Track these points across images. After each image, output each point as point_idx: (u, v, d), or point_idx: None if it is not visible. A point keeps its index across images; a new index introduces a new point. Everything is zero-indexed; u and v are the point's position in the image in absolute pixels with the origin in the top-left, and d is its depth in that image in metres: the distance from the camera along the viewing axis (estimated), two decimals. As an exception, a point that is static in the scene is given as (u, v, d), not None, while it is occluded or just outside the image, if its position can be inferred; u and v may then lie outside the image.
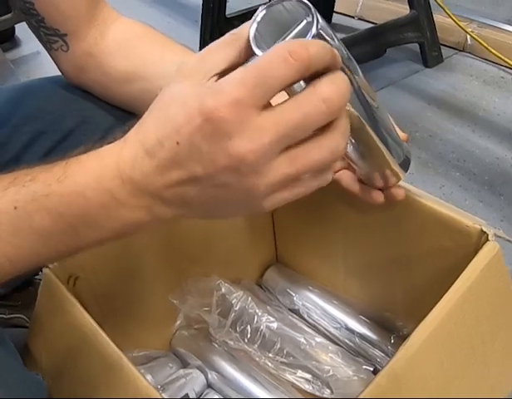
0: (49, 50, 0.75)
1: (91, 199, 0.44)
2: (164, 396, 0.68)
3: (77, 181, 0.44)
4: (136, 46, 0.75)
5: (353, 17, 2.41)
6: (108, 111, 0.78)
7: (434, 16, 1.98)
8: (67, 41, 0.73)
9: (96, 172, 0.44)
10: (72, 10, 0.72)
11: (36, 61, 2.19)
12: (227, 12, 1.93)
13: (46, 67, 0.79)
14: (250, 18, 0.46)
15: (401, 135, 0.64)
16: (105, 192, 0.44)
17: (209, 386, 0.82)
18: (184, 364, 0.85)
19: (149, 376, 0.78)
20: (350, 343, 0.84)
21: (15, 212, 0.44)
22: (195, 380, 0.80)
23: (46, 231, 0.45)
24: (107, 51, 0.74)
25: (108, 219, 0.45)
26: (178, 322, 0.88)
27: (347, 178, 0.67)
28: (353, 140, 0.55)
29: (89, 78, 0.76)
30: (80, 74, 0.77)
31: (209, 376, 0.81)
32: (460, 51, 2.10)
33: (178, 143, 0.40)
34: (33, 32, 0.74)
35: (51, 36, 0.73)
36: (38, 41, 0.75)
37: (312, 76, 0.41)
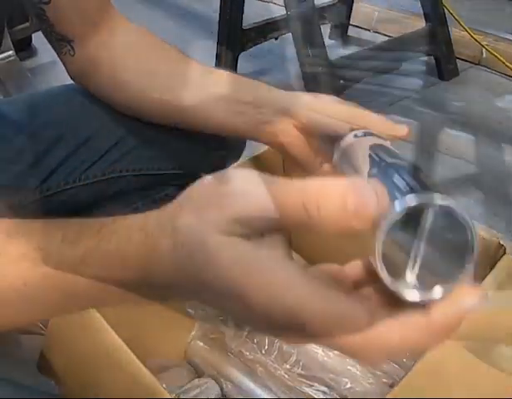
0: (59, 54, 0.77)
1: (111, 291, 0.41)
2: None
3: (95, 275, 0.41)
4: (139, 57, 0.76)
5: (369, 30, 2.42)
6: (123, 117, 0.79)
7: (449, 29, 1.99)
8: (74, 46, 0.75)
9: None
10: (81, 17, 0.73)
11: (52, 69, 2.21)
12: (243, 24, 1.95)
13: (62, 76, 0.80)
14: (267, 31, 0.39)
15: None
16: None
17: (224, 396, 0.81)
18: (199, 374, 0.84)
19: (163, 386, 0.78)
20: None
21: (24, 288, 0.42)
22: (210, 390, 0.80)
23: (57, 305, 0.44)
24: (110, 59, 0.75)
25: None
26: (193, 332, 0.88)
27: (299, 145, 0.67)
28: None
29: (92, 83, 0.78)
30: (84, 79, 0.78)
31: (224, 386, 0.81)
32: (476, 64, 2.11)
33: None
34: (45, 37, 0.76)
35: (60, 42, 0.75)
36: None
37: None
